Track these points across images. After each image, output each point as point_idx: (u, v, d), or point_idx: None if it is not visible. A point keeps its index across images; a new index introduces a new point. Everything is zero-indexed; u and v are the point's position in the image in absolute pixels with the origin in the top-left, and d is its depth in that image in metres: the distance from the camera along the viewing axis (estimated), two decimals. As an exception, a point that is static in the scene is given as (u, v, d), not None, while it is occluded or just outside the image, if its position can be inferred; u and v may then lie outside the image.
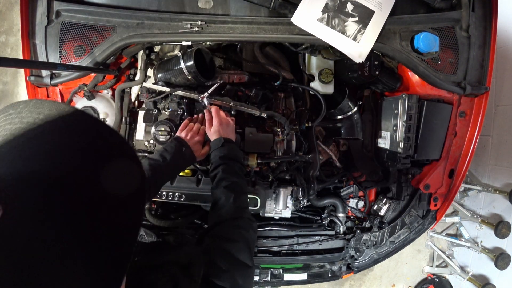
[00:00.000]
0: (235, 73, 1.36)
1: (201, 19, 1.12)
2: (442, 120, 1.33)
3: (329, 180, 1.57)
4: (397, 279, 2.80)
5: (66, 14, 1.14)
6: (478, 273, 2.53)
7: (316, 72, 1.33)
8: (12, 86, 2.53)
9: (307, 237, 1.49)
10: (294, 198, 1.43)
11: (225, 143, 1.08)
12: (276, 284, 1.50)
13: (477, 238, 2.53)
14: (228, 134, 1.13)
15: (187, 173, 1.35)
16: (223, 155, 1.05)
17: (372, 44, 1.14)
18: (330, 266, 1.53)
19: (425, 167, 1.43)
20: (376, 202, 1.56)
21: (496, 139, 2.38)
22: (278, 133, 1.33)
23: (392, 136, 1.35)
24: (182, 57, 1.17)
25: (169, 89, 1.24)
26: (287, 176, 1.47)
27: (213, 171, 1.04)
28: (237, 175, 1.01)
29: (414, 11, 1.21)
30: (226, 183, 0.96)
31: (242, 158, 1.15)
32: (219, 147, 1.07)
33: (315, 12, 1.12)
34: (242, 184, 1.00)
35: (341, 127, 1.46)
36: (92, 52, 1.15)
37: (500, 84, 2.29)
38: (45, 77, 1.20)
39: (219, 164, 1.03)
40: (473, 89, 1.26)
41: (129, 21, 1.13)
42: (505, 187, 2.27)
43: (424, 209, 1.48)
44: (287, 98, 1.38)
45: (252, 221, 0.89)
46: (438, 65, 1.23)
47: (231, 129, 1.16)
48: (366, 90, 1.51)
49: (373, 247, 1.49)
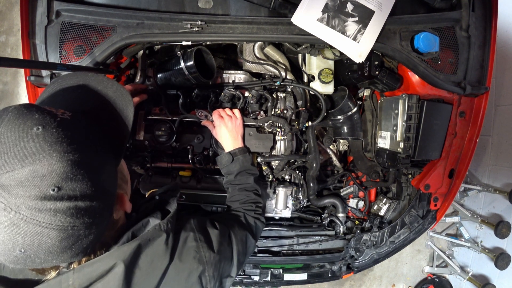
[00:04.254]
0: (235, 73, 1.36)
1: (201, 19, 1.12)
2: (442, 120, 1.33)
3: (329, 180, 1.57)
4: (397, 279, 2.81)
5: (66, 14, 1.14)
6: (478, 273, 2.53)
7: (316, 72, 1.33)
8: (12, 86, 2.53)
9: (307, 237, 1.49)
10: (294, 198, 1.43)
11: (234, 158, 1.11)
12: (276, 284, 1.50)
13: (477, 238, 2.53)
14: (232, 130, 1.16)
15: (187, 173, 1.35)
16: (236, 173, 1.09)
17: (372, 44, 1.14)
18: (330, 266, 1.53)
19: (425, 167, 1.43)
20: (376, 202, 1.56)
21: (496, 139, 2.38)
22: (278, 133, 1.33)
23: (392, 136, 1.35)
24: (182, 57, 1.17)
25: (169, 117, 1.28)
26: (287, 176, 1.47)
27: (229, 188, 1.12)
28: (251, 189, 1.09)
29: (414, 11, 1.21)
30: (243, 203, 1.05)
31: (254, 164, 1.18)
32: (230, 164, 1.11)
33: (315, 12, 1.12)
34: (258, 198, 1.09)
35: (341, 127, 1.46)
36: (92, 52, 1.15)
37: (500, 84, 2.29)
38: (45, 77, 1.20)
39: (234, 180, 1.10)
40: (473, 89, 1.26)
41: (129, 21, 1.13)
42: (505, 187, 2.27)
43: (424, 209, 1.48)
44: (287, 98, 1.38)
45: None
46: (438, 65, 1.23)
47: (236, 125, 1.19)
48: (366, 90, 1.51)
49: (373, 247, 1.49)
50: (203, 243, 0.72)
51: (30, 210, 0.45)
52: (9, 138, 0.46)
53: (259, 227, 1.00)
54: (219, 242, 0.76)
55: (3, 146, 0.46)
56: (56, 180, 0.46)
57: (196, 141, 1.31)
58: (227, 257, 0.78)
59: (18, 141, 0.46)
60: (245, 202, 1.04)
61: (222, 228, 0.81)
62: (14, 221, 0.45)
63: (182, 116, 1.28)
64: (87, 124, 0.58)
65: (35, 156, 0.46)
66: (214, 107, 1.29)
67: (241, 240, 0.85)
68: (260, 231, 1.01)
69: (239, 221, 0.94)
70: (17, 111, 0.49)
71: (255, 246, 0.94)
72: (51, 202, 0.46)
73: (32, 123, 0.48)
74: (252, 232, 0.93)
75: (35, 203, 0.45)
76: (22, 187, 0.45)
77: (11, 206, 0.44)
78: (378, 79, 1.28)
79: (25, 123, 0.48)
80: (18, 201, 0.45)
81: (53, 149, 0.47)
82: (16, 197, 0.45)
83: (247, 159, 1.12)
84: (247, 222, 0.96)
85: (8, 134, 0.47)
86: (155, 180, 1.33)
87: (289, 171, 1.42)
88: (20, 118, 0.48)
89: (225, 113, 1.20)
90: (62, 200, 0.47)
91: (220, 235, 0.78)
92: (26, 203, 0.45)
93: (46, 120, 0.49)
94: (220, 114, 1.20)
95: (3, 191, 0.44)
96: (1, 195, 0.44)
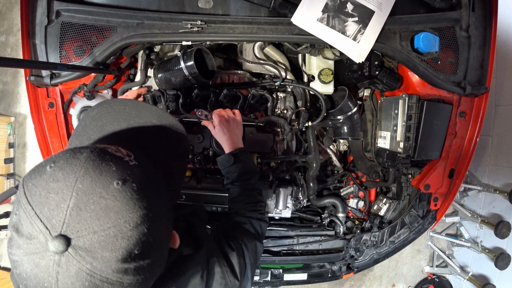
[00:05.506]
0: (235, 73, 1.36)
1: (201, 19, 1.12)
2: (442, 120, 1.33)
3: (329, 180, 1.57)
4: (397, 279, 2.80)
5: (66, 14, 1.14)
6: (478, 273, 2.53)
7: (316, 72, 1.33)
8: (12, 86, 2.53)
9: (307, 237, 1.49)
10: (294, 198, 1.43)
11: (235, 159, 1.09)
12: (276, 284, 1.50)
13: (477, 238, 2.53)
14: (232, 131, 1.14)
15: (187, 173, 1.35)
16: (237, 174, 1.08)
17: (372, 44, 1.14)
18: (330, 266, 1.53)
19: (425, 167, 1.43)
20: (376, 202, 1.56)
21: (496, 139, 2.38)
22: (278, 133, 1.33)
23: (392, 136, 1.35)
24: (182, 57, 1.17)
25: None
26: (287, 176, 1.47)
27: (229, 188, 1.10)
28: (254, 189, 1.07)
29: (414, 11, 1.21)
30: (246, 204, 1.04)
31: (254, 164, 1.17)
32: (231, 165, 1.09)
33: (315, 12, 1.12)
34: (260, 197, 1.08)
35: (341, 127, 1.46)
36: (92, 52, 1.15)
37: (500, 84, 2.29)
38: (45, 77, 1.20)
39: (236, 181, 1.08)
40: (473, 89, 1.26)
41: (129, 21, 1.13)
42: (505, 187, 2.27)
43: (424, 209, 1.48)
44: (287, 98, 1.38)
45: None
46: (438, 65, 1.23)
47: (236, 125, 1.17)
48: (366, 90, 1.51)
49: (373, 247, 1.49)
50: (226, 267, 0.74)
51: (116, 274, 0.42)
52: (88, 196, 0.42)
53: (264, 229, 1.00)
54: (238, 263, 0.78)
55: (82, 204, 0.41)
56: (141, 239, 0.43)
57: (196, 141, 1.31)
58: (243, 273, 0.80)
59: (98, 199, 0.42)
60: (248, 202, 1.03)
61: (237, 247, 0.82)
62: (99, 285, 0.42)
63: (182, 116, 1.27)
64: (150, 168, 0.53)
65: (118, 216, 0.42)
66: (214, 107, 1.29)
67: (252, 251, 0.86)
68: (265, 232, 1.02)
69: (247, 230, 0.94)
70: (92, 161, 0.44)
71: (263, 248, 0.95)
72: (136, 261, 0.43)
73: (111, 177, 0.44)
74: (259, 238, 0.94)
75: (122, 265, 0.42)
76: (108, 251, 0.41)
77: (96, 272, 0.41)
78: (378, 79, 1.28)
79: (104, 177, 0.43)
80: (103, 266, 0.41)
81: (137, 207, 0.44)
82: (102, 261, 0.41)
83: (247, 160, 1.12)
84: (254, 228, 0.96)
85: (86, 190, 0.42)
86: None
87: (289, 171, 1.42)
88: (97, 170, 0.44)
89: (225, 113, 1.20)
90: (144, 258, 0.44)
91: (237, 255, 0.79)
92: (112, 267, 0.41)
93: (124, 172, 0.45)
94: (220, 114, 1.19)
95: (87, 255, 0.40)
96: (85, 260, 0.40)
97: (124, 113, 0.61)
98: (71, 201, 0.41)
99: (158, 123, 0.61)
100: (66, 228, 0.40)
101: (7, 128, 2.47)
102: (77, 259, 0.40)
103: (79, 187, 0.42)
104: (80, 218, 0.41)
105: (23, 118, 2.56)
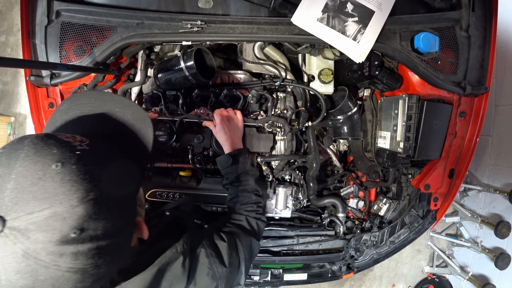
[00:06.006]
0: (235, 73, 1.36)
1: (201, 19, 1.12)
2: (442, 120, 1.33)
3: (329, 180, 1.57)
4: (397, 279, 2.81)
5: (66, 14, 1.14)
6: (478, 273, 2.53)
7: (316, 72, 1.33)
8: (12, 86, 2.53)
9: (307, 237, 1.49)
10: (294, 198, 1.43)
11: (234, 160, 1.10)
12: (276, 284, 1.50)
13: (477, 238, 2.53)
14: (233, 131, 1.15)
15: (187, 173, 1.35)
16: (236, 175, 1.09)
17: (372, 44, 1.14)
18: (330, 266, 1.53)
19: (425, 167, 1.43)
20: (376, 202, 1.56)
21: (496, 139, 2.38)
22: (278, 133, 1.33)
23: (392, 136, 1.35)
24: (182, 57, 1.16)
25: (169, 118, 1.29)
26: (287, 176, 1.47)
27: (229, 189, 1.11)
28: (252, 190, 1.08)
29: (414, 11, 1.21)
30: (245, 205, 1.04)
31: (253, 165, 1.17)
32: (229, 166, 1.10)
33: (315, 12, 1.12)
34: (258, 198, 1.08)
35: (341, 127, 1.46)
36: (92, 52, 1.15)
37: (500, 84, 2.29)
38: (45, 77, 1.20)
39: (234, 182, 1.09)
40: (473, 89, 1.26)
41: (129, 21, 1.13)
42: (505, 187, 2.27)
43: (424, 209, 1.48)
44: (287, 98, 1.38)
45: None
46: (438, 65, 1.23)
47: (237, 125, 1.18)
48: (366, 90, 1.51)
49: (373, 247, 1.49)
50: (214, 258, 0.74)
51: (50, 256, 0.42)
52: (27, 178, 0.43)
53: (261, 228, 1.01)
54: (229, 254, 0.78)
55: (20, 185, 0.43)
56: (78, 222, 0.43)
57: (196, 141, 1.31)
58: (236, 266, 0.80)
59: (36, 180, 0.43)
60: (246, 203, 1.04)
61: (229, 239, 0.82)
62: (33, 267, 0.42)
63: (182, 116, 1.28)
64: (107, 152, 0.55)
65: (55, 198, 0.43)
66: (214, 107, 1.29)
67: (247, 246, 0.86)
68: (262, 231, 1.03)
69: (242, 226, 0.95)
70: (34, 145, 0.45)
71: (259, 246, 0.95)
72: (73, 245, 0.43)
73: (51, 159, 0.45)
74: (255, 235, 0.95)
75: (56, 248, 0.42)
76: (42, 232, 0.42)
77: (30, 252, 0.41)
78: (378, 79, 1.28)
79: (43, 159, 0.44)
80: (37, 247, 0.42)
81: (74, 189, 0.44)
82: (36, 242, 0.41)
83: (247, 161, 1.12)
84: (250, 225, 0.97)
85: (25, 172, 0.43)
86: (155, 180, 1.33)
87: (289, 171, 1.42)
88: (37, 153, 0.45)
89: (226, 114, 1.20)
90: (84, 243, 0.44)
91: (228, 247, 0.79)
92: (47, 249, 0.42)
93: (65, 155, 0.46)
94: (222, 113, 1.19)
95: (22, 236, 0.41)
96: (20, 241, 0.41)
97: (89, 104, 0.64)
98: (10, 184, 0.43)
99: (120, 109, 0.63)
100: (5, 210, 0.42)
101: (7, 128, 2.47)
102: (11, 239, 0.41)
103: (19, 170, 0.43)
104: (18, 199, 0.42)
105: (23, 118, 2.56)
